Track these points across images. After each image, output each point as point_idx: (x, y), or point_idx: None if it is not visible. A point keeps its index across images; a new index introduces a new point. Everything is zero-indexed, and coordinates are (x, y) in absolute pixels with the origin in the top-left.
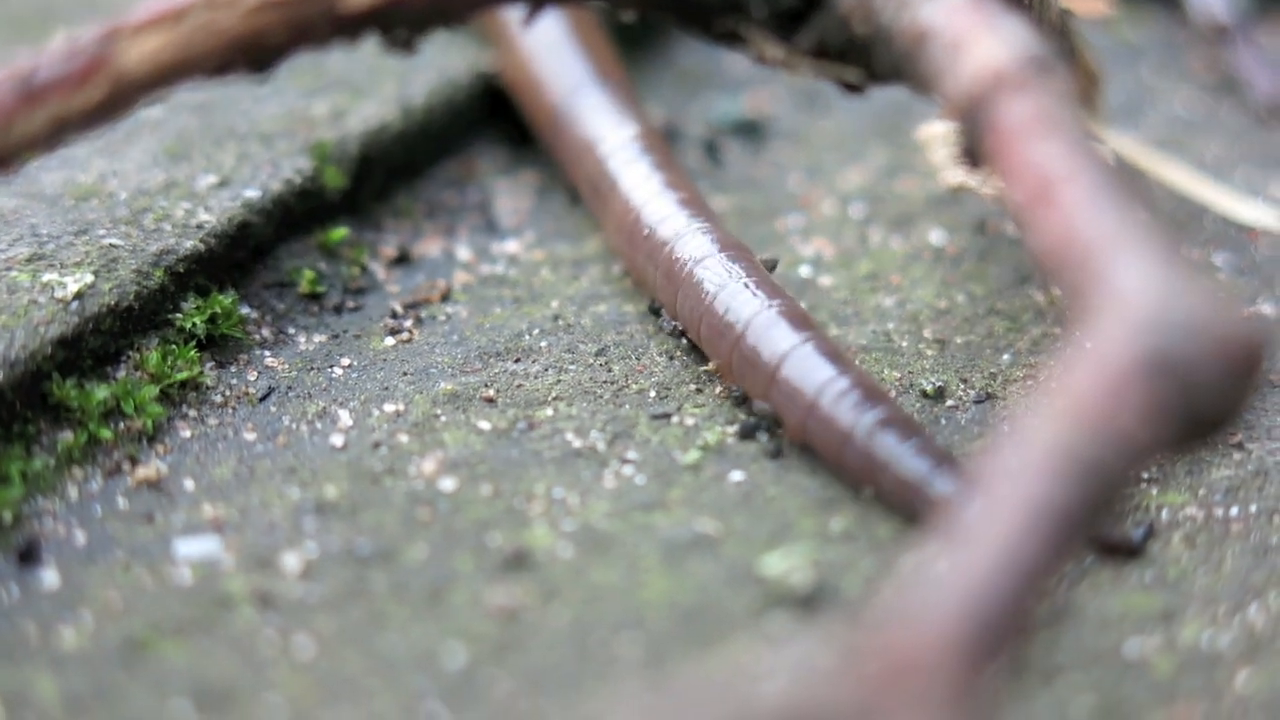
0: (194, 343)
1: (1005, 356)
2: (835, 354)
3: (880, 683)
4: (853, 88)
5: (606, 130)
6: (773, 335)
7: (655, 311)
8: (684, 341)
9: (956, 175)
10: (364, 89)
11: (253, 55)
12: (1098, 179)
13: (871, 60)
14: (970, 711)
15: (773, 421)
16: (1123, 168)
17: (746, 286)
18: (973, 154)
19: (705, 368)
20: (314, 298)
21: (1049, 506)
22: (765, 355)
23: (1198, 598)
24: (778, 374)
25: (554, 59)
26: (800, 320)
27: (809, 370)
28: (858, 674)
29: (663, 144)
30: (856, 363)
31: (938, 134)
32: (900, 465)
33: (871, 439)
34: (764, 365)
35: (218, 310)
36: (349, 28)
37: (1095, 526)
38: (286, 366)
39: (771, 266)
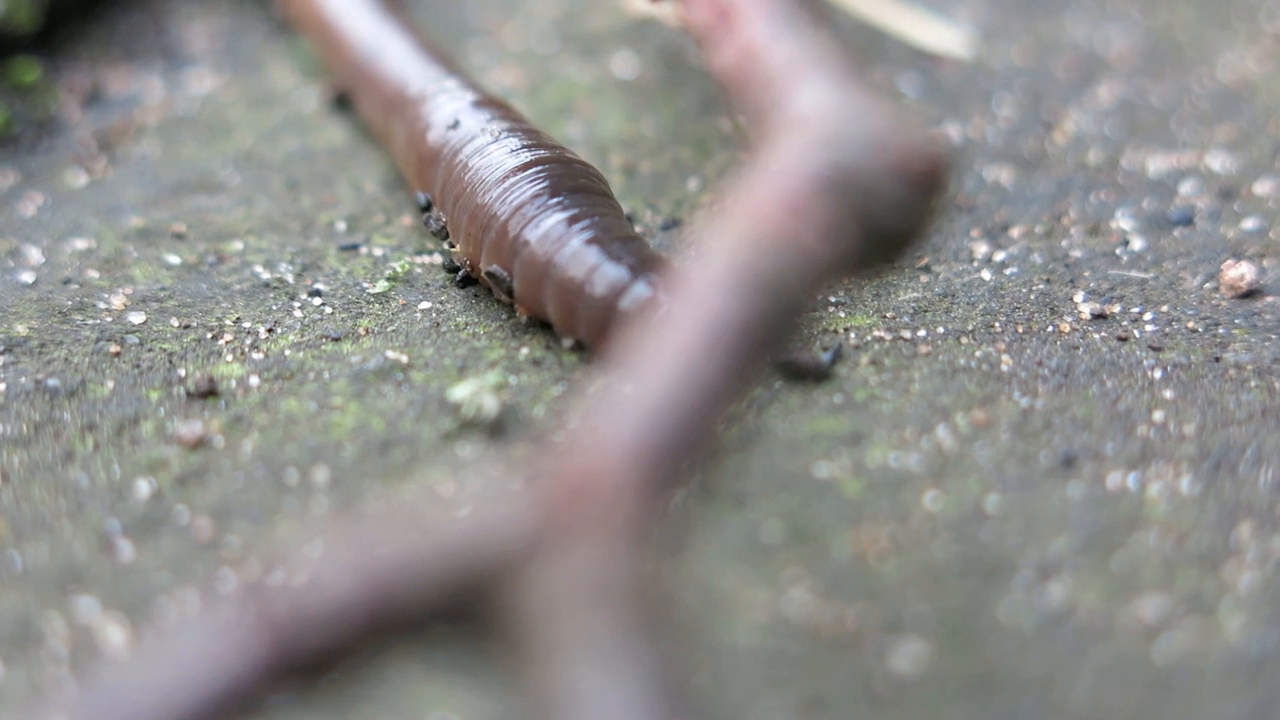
0: None
1: (692, 182)
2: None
3: (562, 505)
4: None
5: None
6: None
7: (425, 208)
8: (376, 174)
9: (642, 4)
10: None
11: None
12: (777, 3)
13: None
14: (648, 532)
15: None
16: None
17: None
18: None
19: (453, 246)
20: (6, 138)
21: (728, 324)
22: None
23: (886, 420)
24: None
25: None
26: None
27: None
28: (542, 498)
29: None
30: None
31: None
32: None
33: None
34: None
35: None
36: None
37: (782, 349)
38: None
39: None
